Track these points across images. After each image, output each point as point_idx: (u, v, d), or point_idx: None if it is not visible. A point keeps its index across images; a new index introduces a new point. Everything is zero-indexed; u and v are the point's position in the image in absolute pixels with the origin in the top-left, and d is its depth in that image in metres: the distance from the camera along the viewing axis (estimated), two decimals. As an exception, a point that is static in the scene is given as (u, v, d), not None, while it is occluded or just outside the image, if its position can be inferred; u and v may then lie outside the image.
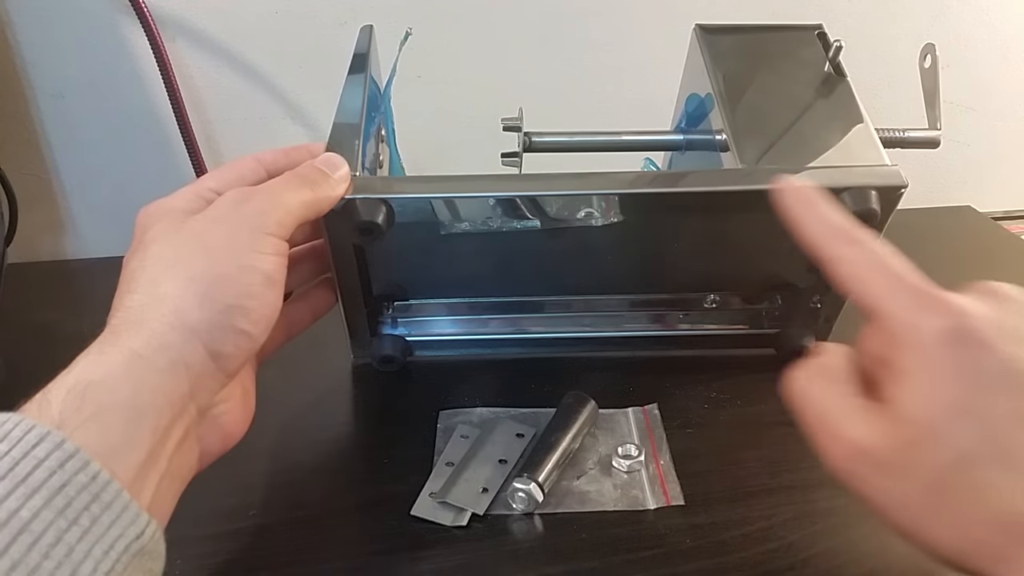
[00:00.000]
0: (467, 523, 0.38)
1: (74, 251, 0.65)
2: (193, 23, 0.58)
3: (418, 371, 0.49)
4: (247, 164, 0.37)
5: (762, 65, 0.48)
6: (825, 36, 0.48)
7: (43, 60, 0.58)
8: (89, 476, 0.24)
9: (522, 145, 0.46)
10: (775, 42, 0.49)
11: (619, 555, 0.37)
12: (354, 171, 0.38)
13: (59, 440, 0.24)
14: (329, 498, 0.40)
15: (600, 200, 0.40)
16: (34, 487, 0.23)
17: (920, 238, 0.41)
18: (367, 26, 0.49)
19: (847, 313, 0.46)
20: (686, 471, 0.41)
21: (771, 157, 0.43)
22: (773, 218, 0.30)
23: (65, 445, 0.24)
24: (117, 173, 0.62)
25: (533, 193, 0.39)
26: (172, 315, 0.29)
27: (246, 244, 0.31)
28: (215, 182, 0.35)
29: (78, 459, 0.24)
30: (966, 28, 0.67)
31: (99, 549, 0.24)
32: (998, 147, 0.72)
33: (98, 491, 0.24)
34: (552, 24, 0.62)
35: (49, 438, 0.24)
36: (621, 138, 0.49)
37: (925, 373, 0.26)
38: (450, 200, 0.39)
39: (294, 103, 0.62)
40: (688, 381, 0.48)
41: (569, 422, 0.42)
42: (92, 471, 0.24)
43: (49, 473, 0.24)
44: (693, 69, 0.50)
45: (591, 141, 0.49)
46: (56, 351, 0.28)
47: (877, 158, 0.42)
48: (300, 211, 0.34)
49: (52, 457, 0.24)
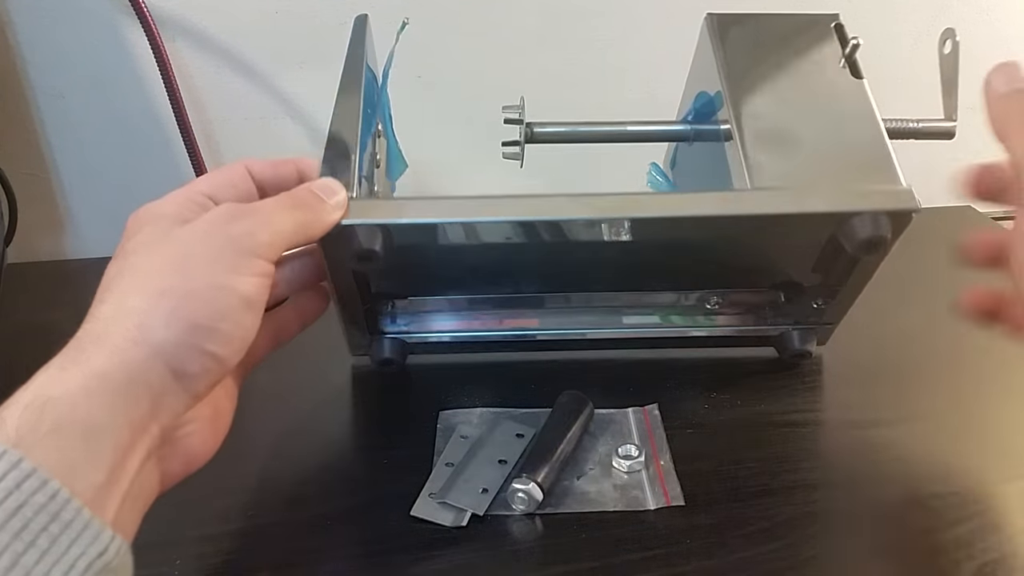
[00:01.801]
0: (467, 523, 0.38)
1: (74, 251, 0.65)
2: (193, 23, 0.58)
3: (418, 372, 0.49)
4: (238, 171, 0.36)
5: (774, 61, 0.46)
6: (842, 29, 0.46)
7: (43, 60, 0.58)
8: (47, 496, 0.23)
9: (523, 136, 0.45)
10: (789, 33, 0.47)
11: (619, 555, 0.37)
12: (351, 190, 0.36)
13: (16, 459, 0.23)
14: (329, 498, 0.40)
15: (609, 225, 0.39)
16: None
17: (920, 238, 0.40)
18: (361, 16, 0.48)
19: (850, 316, 0.46)
20: (686, 471, 0.41)
21: (780, 166, 0.41)
22: (782, 232, 0.29)
23: (22, 464, 0.23)
24: (117, 173, 0.62)
25: (538, 218, 0.38)
26: (136, 330, 0.28)
27: (228, 263, 0.30)
28: (207, 186, 0.35)
29: (36, 478, 0.23)
30: (966, 27, 0.67)
31: (58, 570, 0.23)
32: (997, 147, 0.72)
33: (57, 510, 0.23)
34: (553, 22, 0.62)
35: (6, 457, 0.23)
36: (626, 128, 0.48)
37: None
38: (452, 224, 0.38)
39: (294, 103, 0.62)
40: (688, 381, 0.48)
41: (566, 421, 0.42)
42: (51, 490, 0.23)
43: (5, 494, 0.23)
44: (702, 61, 0.48)
45: (595, 131, 0.48)
46: (56, 351, 0.28)
47: (891, 177, 0.40)
48: (291, 235, 0.33)
49: (9, 477, 0.23)
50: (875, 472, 0.41)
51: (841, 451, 0.44)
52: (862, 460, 0.42)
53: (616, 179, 0.46)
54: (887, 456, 0.36)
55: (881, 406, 0.46)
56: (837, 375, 0.48)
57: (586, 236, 0.39)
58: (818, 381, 0.49)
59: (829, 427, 0.45)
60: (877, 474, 0.41)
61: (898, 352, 0.50)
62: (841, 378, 0.48)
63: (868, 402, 0.46)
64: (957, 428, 0.38)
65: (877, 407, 0.46)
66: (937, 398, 0.47)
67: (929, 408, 0.46)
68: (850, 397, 0.47)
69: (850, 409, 0.46)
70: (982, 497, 0.39)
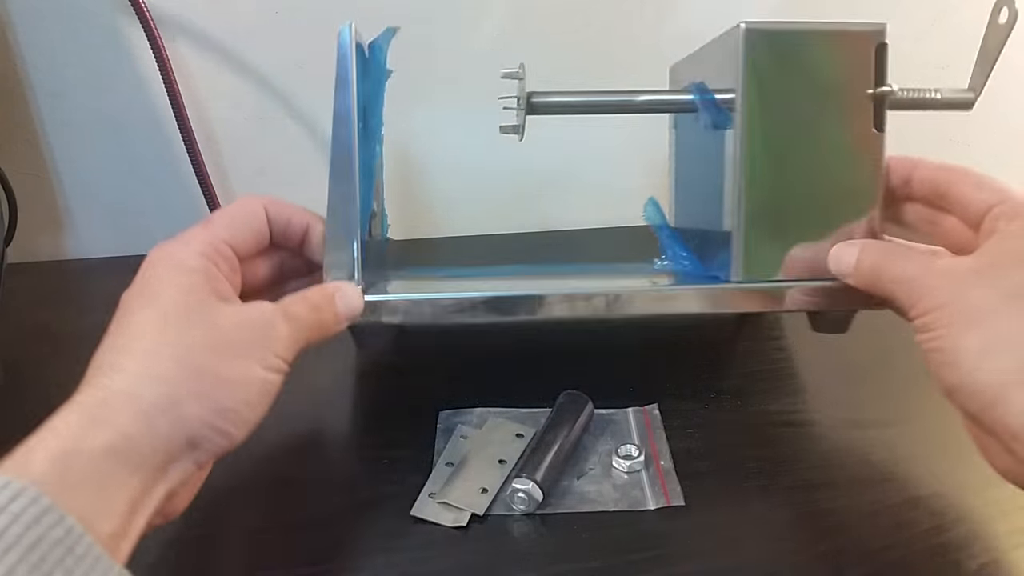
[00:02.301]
0: (467, 523, 0.38)
1: (74, 251, 0.65)
2: (193, 23, 0.58)
3: (418, 372, 0.49)
4: (257, 213, 0.39)
5: (800, 93, 0.42)
6: (883, 52, 0.42)
7: (43, 60, 0.58)
8: (64, 530, 0.25)
9: (523, 104, 0.42)
10: (825, 53, 0.42)
11: (619, 555, 0.36)
12: (356, 279, 0.40)
13: (35, 495, 0.25)
14: (328, 498, 0.40)
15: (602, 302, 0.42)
16: (10, 543, 0.24)
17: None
18: (345, 27, 0.44)
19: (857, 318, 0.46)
20: (686, 471, 0.41)
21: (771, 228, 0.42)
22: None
23: (41, 500, 0.25)
24: (117, 173, 0.62)
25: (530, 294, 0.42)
26: (167, 400, 0.30)
27: (259, 359, 0.33)
28: (228, 232, 0.37)
29: (53, 513, 0.25)
30: (966, 28, 0.67)
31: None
32: (998, 147, 0.72)
33: (72, 544, 0.25)
34: (554, 22, 0.62)
35: (25, 493, 0.25)
36: (632, 99, 0.44)
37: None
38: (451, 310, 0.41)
39: (294, 103, 0.62)
40: (688, 381, 0.48)
41: (566, 421, 0.42)
42: (67, 525, 0.25)
43: (25, 528, 0.24)
44: (719, 63, 0.45)
45: (597, 102, 0.45)
46: (56, 351, 0.28)
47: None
48: (310, 341, 0.37)
49: (28, 512, 0.24)
50: (875, 472, 0.41)
51: (841, 451, 0.44)
52: (862, 460, 0.42)
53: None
54: (887, 456, 0.36)
55: (881, 406, 0.46)
56: (837, 375, 0.48)
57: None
58: (818, 381, 0.49)
59: (829, 427, 0.45)
60: (877, 474, 0.41)
61: (898, 352, 0.50)
62: (841, 378, 0.48)
63: (868, 402, 0.46)
64: (957, 428, 0.38)
65: (877, 407, 0.46)
66: (937, 398, 0.46)
67: (929, 408, 0.46)
68: (850, 397, 0.47)
69: (850, 409, 0.46)
70: (983, 496, 0.39)
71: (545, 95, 0.43)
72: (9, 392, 0.47)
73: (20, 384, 0.48)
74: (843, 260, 0.40)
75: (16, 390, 0.48)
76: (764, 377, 0.49)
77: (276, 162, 0.64)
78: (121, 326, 0.32)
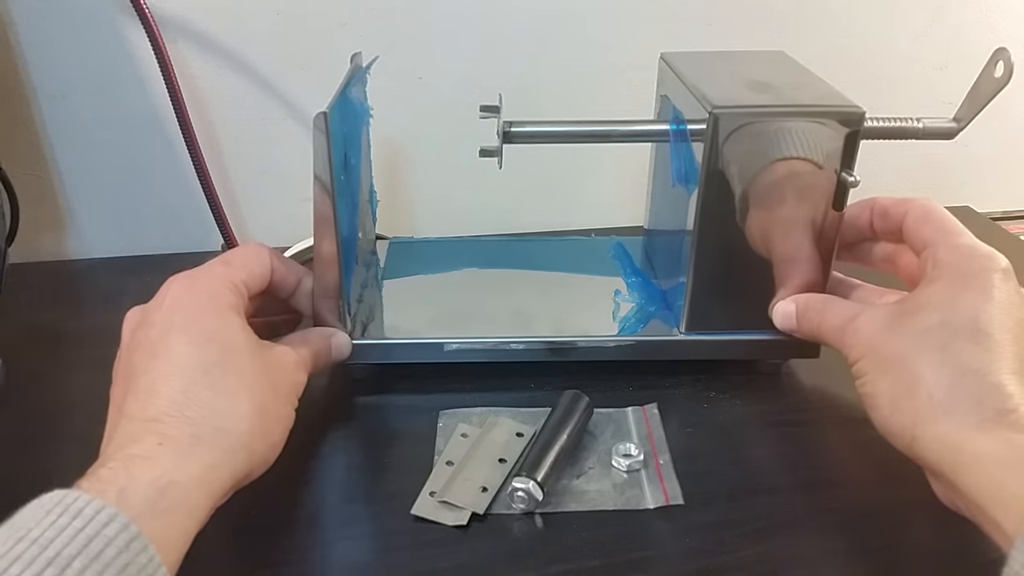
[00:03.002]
0: (467, 522, 0.38)
1: (75, 251, 0.65)
2: (195, 24, 0.58)
3: (418, 371, 0.49)
4: (265, 262, 0.42)
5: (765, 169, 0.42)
6: (854, 140, 0.41)
7: (45, 61, 0.58)
8: (147, 557, 0.27)
9: (501, 134, 0.43)
10: (795, 138, 0.41)
11: (619, 555, 0.37)
12: (345, 325, 0.45)
13: (125, 521, 0.27)
14: (329, 497, 0.40)
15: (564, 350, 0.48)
16: (105, 564, 0.26)
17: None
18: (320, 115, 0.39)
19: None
20: (686, 471, 0.41)
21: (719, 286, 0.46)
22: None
23: (131, 527, 0.27)
24: (118, 173, 0.63)
25: (497, 345, 0.47)
26: (247, 436, 0.34)
27: (292, 400, 0.39)
28: (246, 275, 0.40)
29: (140, 540, 0.27)
30: (965, 28, 0.67)
31: None
32: (997, 147, 0.72)
33: (152, 572, 0.27)
34: (554, 24, 0.62)
35: (118, 519, 0.27)
36: (607, 128, 0.45)
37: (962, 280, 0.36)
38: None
39: (295, 104, 0.62)
40: (688, 381, 0.48)
41: (566, 420, 0.42)
42: (150, 553, 0.27)
43: (117, 552, 0.26)
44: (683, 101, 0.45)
45: (573, 132, 0.45)
46: (56, 351, 0.28)
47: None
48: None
49: (120, 537, 0.27)
50: (875, 472, 0.41)
51: (841, 451, 0.44)
52: (862, 460, 0.42)
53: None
54: (887, 456, 0.36)
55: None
56: (837, 375, 0.48)
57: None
58: (818, 381, 0.49)
59: (829, 427, 0.45)
60: (877, 474, 0.41)
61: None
62: (841, 378, 0.48)
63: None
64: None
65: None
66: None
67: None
68: (850, 397, 0.47)
69: (850, 409, 0.46)
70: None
71: (522, 124, 0.44)
72: (9, 392, 0.47)
73: (20, 384, 0.48)
74: (786, 315, 0.44)
75: (16, 390, 0.48)
76: (764, 377, 0.49)
77: (278, 163, 0.64)
78: (177, 356, 0.34)
